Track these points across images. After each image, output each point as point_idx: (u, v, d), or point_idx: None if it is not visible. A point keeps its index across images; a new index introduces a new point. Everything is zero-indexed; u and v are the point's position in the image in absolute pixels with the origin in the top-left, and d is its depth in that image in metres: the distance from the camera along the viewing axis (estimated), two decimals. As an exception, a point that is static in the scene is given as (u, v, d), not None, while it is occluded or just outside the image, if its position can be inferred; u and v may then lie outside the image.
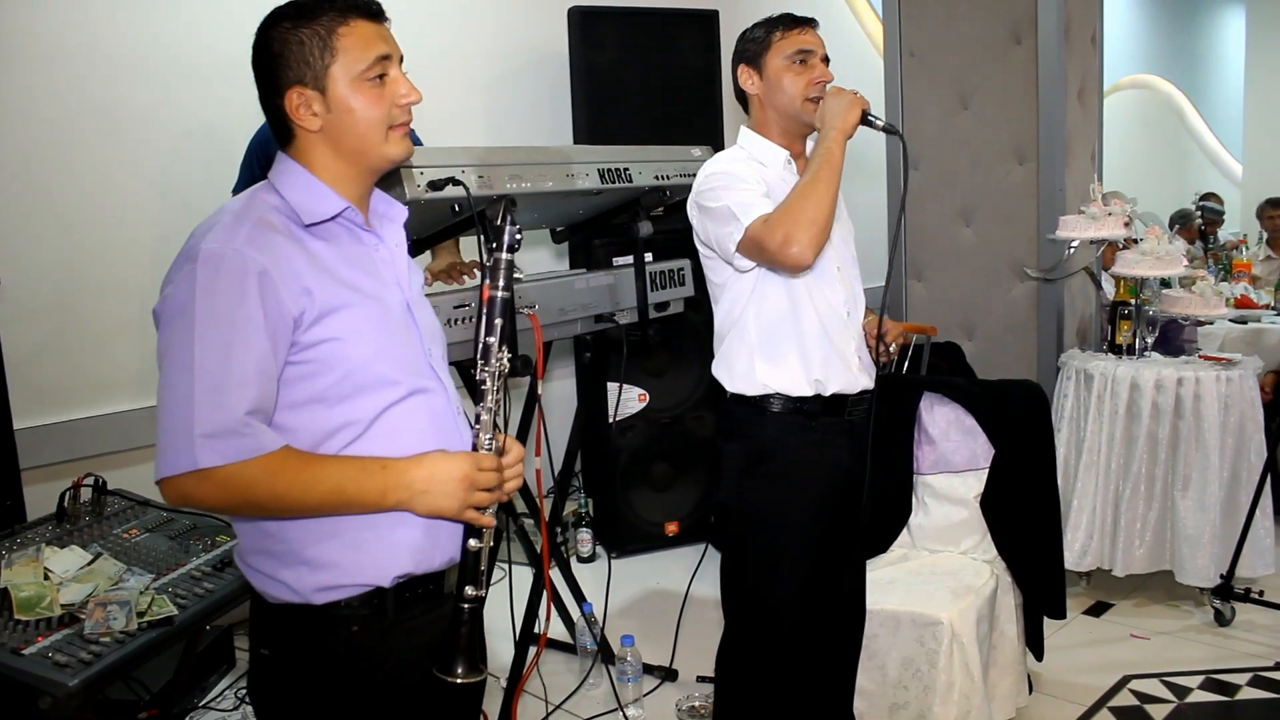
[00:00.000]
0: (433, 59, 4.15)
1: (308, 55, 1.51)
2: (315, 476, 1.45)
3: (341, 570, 1.52)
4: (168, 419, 1.40)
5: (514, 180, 2.54)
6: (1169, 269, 3.79)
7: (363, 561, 1.53)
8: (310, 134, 1.54)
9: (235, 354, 1.40)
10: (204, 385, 1.39)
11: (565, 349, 4.54)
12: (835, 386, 2.29)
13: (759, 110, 2.37)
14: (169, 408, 1.41)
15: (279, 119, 1.55)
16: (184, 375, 1.39)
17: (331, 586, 1.52)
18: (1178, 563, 3.66)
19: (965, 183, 4.38)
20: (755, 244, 2.13)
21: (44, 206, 3.20)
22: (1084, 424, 3.78)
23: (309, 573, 1.51)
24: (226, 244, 1.42)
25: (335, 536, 1.51)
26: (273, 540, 1.52)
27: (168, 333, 1.43)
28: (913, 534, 3.23)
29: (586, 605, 3.30)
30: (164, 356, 1.43)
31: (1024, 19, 4.18)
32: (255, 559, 1.55)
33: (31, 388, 3.12)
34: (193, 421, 1.38)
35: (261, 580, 1.55)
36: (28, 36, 3.13)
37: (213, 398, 1.39)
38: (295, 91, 1.52)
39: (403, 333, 1.59)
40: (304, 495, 1.45)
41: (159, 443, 1.41)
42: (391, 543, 1.54)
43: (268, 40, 1.53)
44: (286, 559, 1.52)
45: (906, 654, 2.84)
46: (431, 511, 1.52)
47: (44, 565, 2.28)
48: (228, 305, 1.41)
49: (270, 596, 1.55)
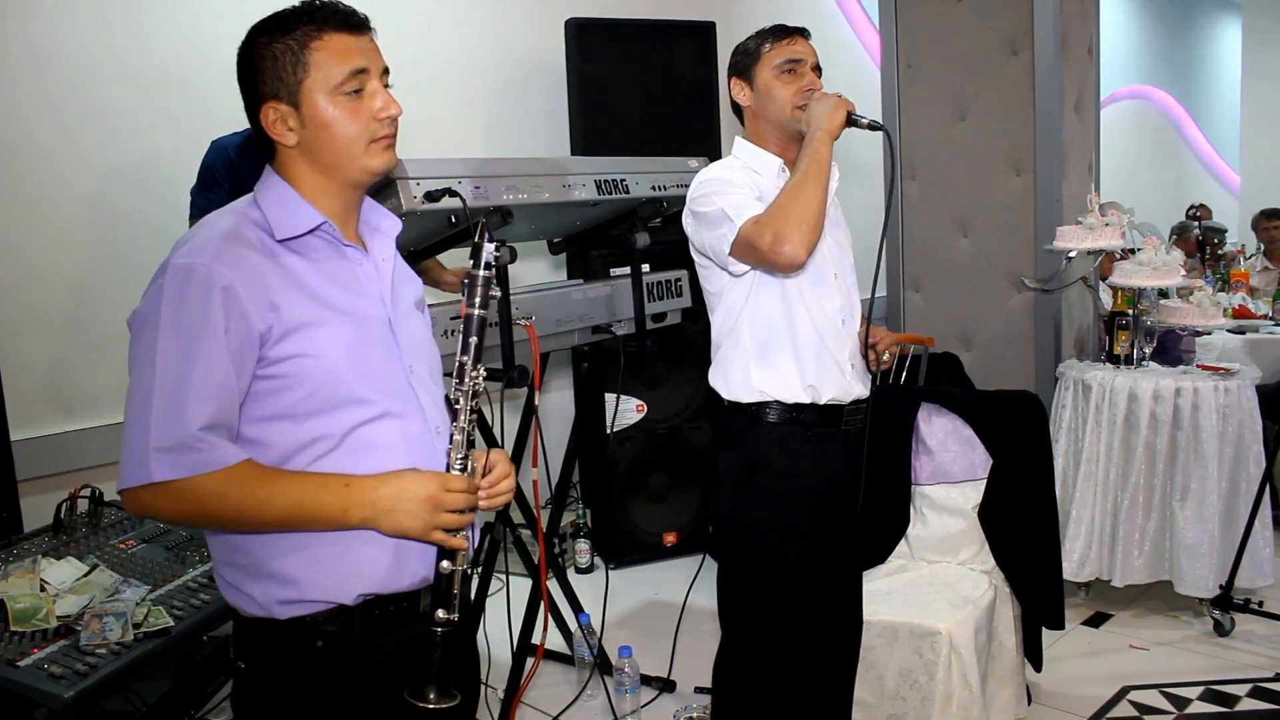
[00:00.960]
0: (430, 71, 4.16)
1: (280, 70, 1.51)
2: (273, 492, 1.45)
3: (304, 586, 1.51)
4: (127, 431, 1.42)
5: (511, 191, 2.55)
6: (1166, 279, 3.79)
7: (324, 579, 1.51)
8: (288, 149, 1.54)
9: (194, 368, 1.40)
10: (161, 399, 1.39)
11: (563, 360, 4.54)
12: (830, 393, 2.29)
13: (752, 121, 2.39)
14: (129, 420, 1.42)
15: (261, 134, 1.56)
16: (144, 388, 1.41)
17: (294, 601, 1.51)
18: (1177, 573, 3.65)
19: (962, 193, 4.39)
20: (747, 245, 2.14)
21: (41, 217, 3.21)
22: (1082, 434, 3.78)
23: (274, 587, 1.51)
24: (195, 258, 1.43)
25: (299, 552, 1.50)
26: (239, 553, 1.52)
27: (133, 345, 1.45)
28: (911, 545, 3.23)
29: (584, 616, 3.30)
30: (130, 368, 1.44)
31: (1020, 31, 4.19)
32: (225, 571, 1.55)
33: (28, 399, 3.12)
34: (149, 435, 1.39)
35: (232, 593, 1.55)
36: (22, 46, 3.14)
37: (169, 411, 1.39)
38: (270, 107, 1.52)
39: (380, 350, 1.56)
40: (261, 510, 1.44)
41: (120, 454, 1.42)
42: (356, 561, 1.52)
43: (247, 54, 1.53)
44: (252, 572, 1.51)
45: (904, 665, 2.83)
46: (396, 531, 1.50)
47: (40, 577, 2.28)
48: (190, 319, 1.41)
49: (241, 610, 1.55)
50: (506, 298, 2.62)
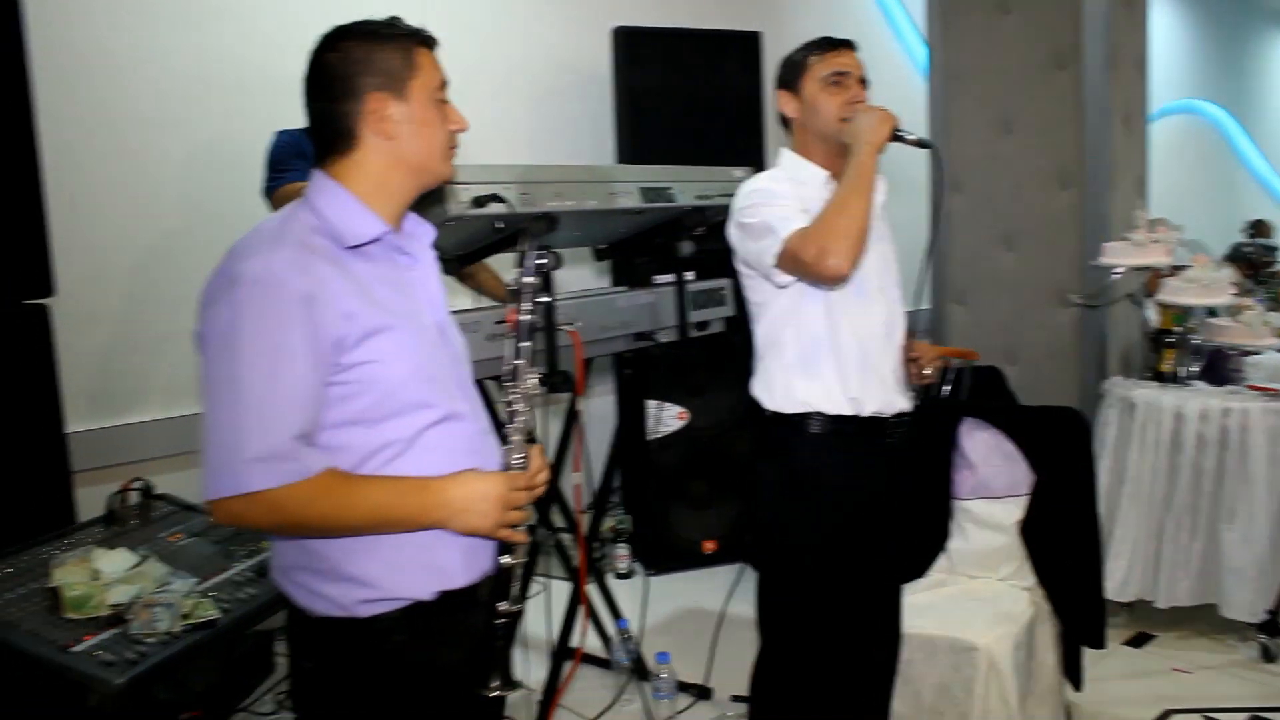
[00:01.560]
0: (478, 78, 4.20)
1: (389, 65, 1.57)
2: (358, 498, 1.49)
3: (384, 586, 1.56)
4: (216, 442, 1.43)
5: (556, 198, 2.57)
6: (1215, 298, 3.74)
7: (403, 579, 1.57)
8: (379, 142, 1.57)
9: (281, 378, 1.43)
10: (252, 410, 1.42)
11: (605, 366, 4.56)
12: (872, 406, 2.30)
13: (799, 133, 2.39)
14: (217, 431, 1.43)
15: (344, 125, 1.57)
16: (231, 399, 1.42)
17: (375, 600, 1.56)
18: (1222, 596, 3.59)
19: (1007, 207, 4.36)
20: (792, 257, 2.15)
21: (98, 217, 3.28)
22: (1126, 453, 3.74)
23: (354, 588, 1.55)
24: (268, 267, 1.45)
25: (374, 553, 1.55)
26: (314, 558, 1.55)
27: (212, 357, 1.46)
28: (951, 559, 3.21)
29: (622, 621, 3.32)
30: (209, 380, 1.46)
31: (1068, 44, 4.17)
32: (297, 575, 1.58)
33: (83, 393, 3.19)
34: (241, 445, 1.41)
35: (304, 595, 1.58)
36: (81, 52, 3.21)
37: (261, 422, 1.42)
38: (375, 97, 1.56)
39: (437, 353, 1.62)
40: (347, 516, 1.49)
41: (207, 465, 1.44)
42: (432, 560, 1.58)
43: (346, 47, 1.56)
44: (330, 575, 1.55)
45: (942, 680, 2.82)
46: (468, 530, 1.56)
47: (93, 566, 2.33)
48: (272, 330, 1.43)
49: (314, 611, 1.58)
50: (551, 303, 2.65)
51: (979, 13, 4.37)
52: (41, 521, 2.57)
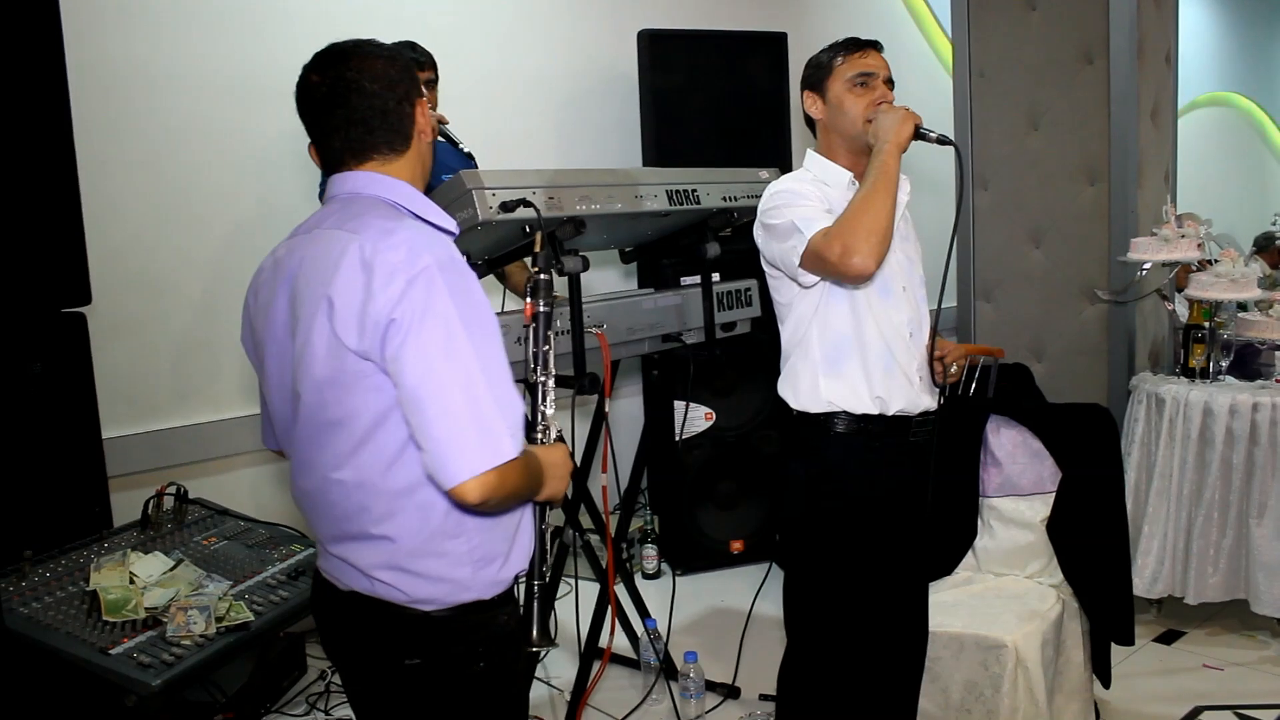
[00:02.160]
0: (506, 82, 4.23)
1: (415, 76, 1.67)
2: (534, 464, 1.58)
3: (509, 560, 1.65)
4: (468, 416, 1.45)
5: (583, 202, 2.59)
6: (1244, 292, 3.72)
7: (516, 548, 1.66)
8: (420, 144, 1.67)
9: (500, 349, 1.52)
10: (498, 382, 1.48)
11: (633, 366, 4.59)
12: (898, 405, 2.31)
13: (825, 134, 2.40)
14: (467, 405, 1.45)
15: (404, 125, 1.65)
16: (476, 374, 1.46)
17: (498, 580, 1.63)
18: (1253, 592, 3.57)
19: (1035, 203, 4.34)
20: (817, 256, 2.16)
21: (132, 225, 3.34)
22: (1155, 448, 3.72)
23: (486, 567, 1.61)
24: (449, 251, 1.52)
25: (495, 529, 1.62)
26: (457, 540, 1.58)
27: (427, 338, 1.45)
28: (978, 557, 3.21)
29: (650, 621, 3.33)
30: (434, 360, 1.45)
31: (1096, 38, 4.14)
32: (421, 563, 1.57)
33: (119, 399, 3.24)
34: (501, 415, 1.47)
35: (424, 586, 1.58)
36: (112, 62, 3.27)
37: (508, 392, 1.49)
38: (422, 103, 1.67)
39: None
40: (533, 483, 1.59)
41: (460, 442, 1.44)
42: (526, 527, 1.68)
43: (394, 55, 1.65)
44: (467, 557, 1.59)
45: (970, 677, 2.82)
46: (550, 495, 1.67)
47: (129, 570, 2.38)
48: (477, 306, 1.50)
49: (432, 602, 1.59)
50: (579, 306, 2.67)
51: (1006, 9, 4.35)
52: (79, 526, 2.63)
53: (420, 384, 1.45)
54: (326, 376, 1.52)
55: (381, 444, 1.52)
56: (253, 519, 2.91)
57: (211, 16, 3.47)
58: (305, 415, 1.58)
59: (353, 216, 1.56)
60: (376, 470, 1.53)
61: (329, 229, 1.57)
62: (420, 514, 1.55)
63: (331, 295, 1.50)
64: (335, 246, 1.52)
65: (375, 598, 1.60)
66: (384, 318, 1.45)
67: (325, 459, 1.57)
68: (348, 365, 1.50)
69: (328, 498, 1.60)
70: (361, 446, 1.53)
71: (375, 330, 1.46)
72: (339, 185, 1.64)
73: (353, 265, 1.48)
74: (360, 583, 1.62)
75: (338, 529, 1.61)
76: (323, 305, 1.51)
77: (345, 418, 1.53)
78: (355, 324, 1.48)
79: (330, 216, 1.60)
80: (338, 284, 1.49)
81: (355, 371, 1.50)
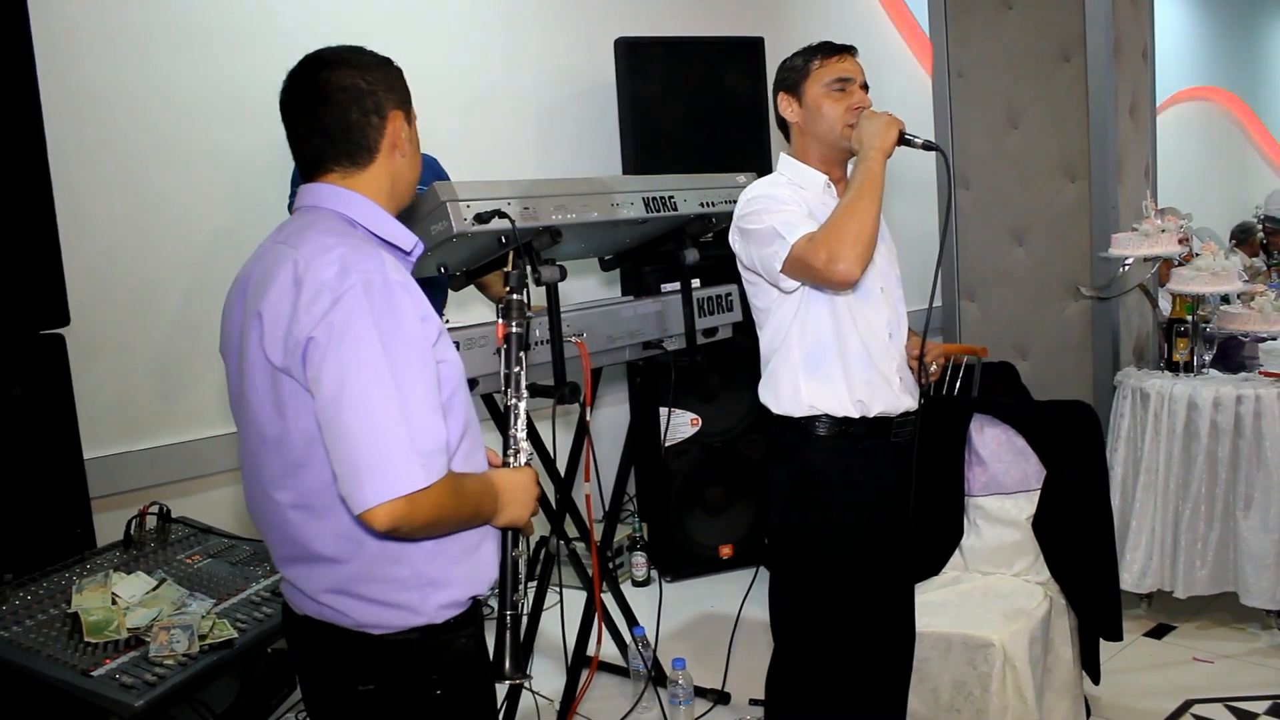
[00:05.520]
0: (483, 92, 4.23)
1: (403, 87, 1.64)
2: (468, 492, 1.54)
3: (461, 586, 1.60)
4: (376, 442, 1.39)
5: (559, 211, 2.59)
6: (1225, 285, 3.73)
7: (470, 574, 1.61)
8: (389, 159, 1.62)
9: (424, 373, 1.46)
10: (412, 405, 1.42)
11: (618, 374, 4.58)
12: (879, 407, 2.31)
13: (799, 137, 2.40)
14: (376, 431, 1.40)
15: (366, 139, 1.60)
16: (387, 398, 1.40)
17: (450, 604, 1.59)
18: (1242, 584, 3.58)
19: (1016, 202, 4.36)
20: (801, 263, 2.16)
21: (110, 244, 3.33)
22: (1141, 443, 3.73)
23: (433, 591, 1.56)
24: (379, 269, 1.46)
25: (444, 553, 1.57)
26: (397, 565, 1.54)
27: (342, 358, 1.41)
28: (965, 556, 3.21)
29: (638, 628, 3.33)
30: (345, 382, 1.41)
31: (1072, 36, 4.16)
32: (367, 588, 1.54)
33: (100, 419, 3.23)
34: (411, 441, 1.41)
35: (371, 611, 1.55)
36: (86, 82, 3.25)
37: (422, 416, 1.43)
38: (396, 115, 1.62)
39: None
40: (466, 510, 1.54)
41: (367, 469, 1.39)
42: (485, 552, 1.64)
43: (365, 64, 1.61)
44: (411, 581, 1.55)
45: (958, 677, 2.82)
46: (510, 520, 1.63)
47: (112, 590, 2.37)
48: (406, 327, 1.46)
49: (380, 627, 1.56)
50: (557, 315, 2.67)
51: (982, 9, 4.37)
52: (61, 547, 2.61)
53: (332, 406, 1.41)
54: (261, 394, 1.51)
55: (319, 465, 1.48)
56: (236, 536, 2.90)
57: (185, 35, 3.46)
58: (248, 432, 1.58)
59: (299, 230, 1.55)
60: (314, 492, 1.51)
61: (278, 242, 1.56)
62: (362, 538, 1.52)
63: (262, 311, 1.48)
64: (275, 261, 1.51)
65: (325, 622, 1.58)
66: (304, 336, 1.43)
67: (267, 477, 1.56)
68: (276, 383, 1.49)
69: (272, 517, 1.58)
70: (300, 468, 1.51)
71: (296, 349, 1.44)
72: (303, 197, 1.63)
73: (285, 281, 1.47)
74: (310, 606, 1.60)
75: (285, 549, 1.60)
76: (254, 321, 1.50)
77: (281, 437, 1.51)
78: (280, 342, 1.46)
79: (284, 229, 1.60)
80: (268, 300, 1.48)
81: (285, 390, 1.48)
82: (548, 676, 3.40)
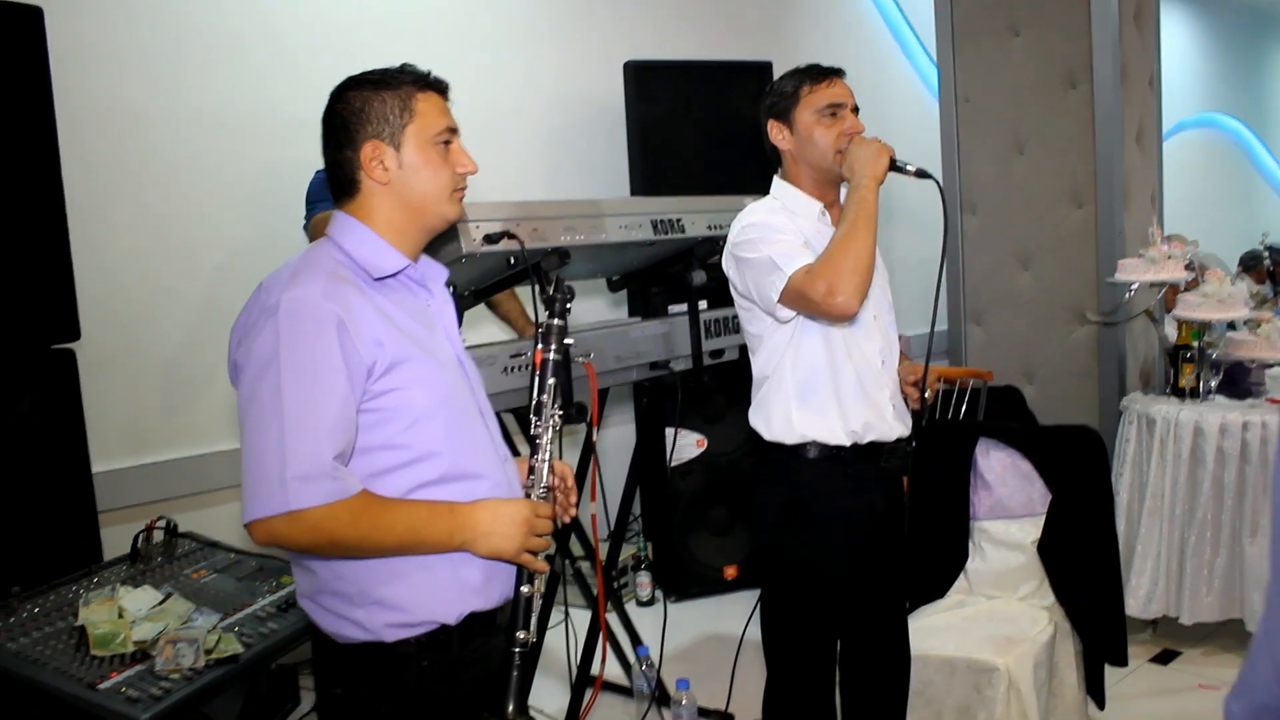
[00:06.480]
0: (493, 114, 4.27)
1: (387, 114, 1.64)
2: (393, 519, 1.54)
3: (411, 610, 1.59)
4: (258, 463, 1.47)
5: (567, 233, 2.61)
6: (1231, 312, 3.74)
7: (430, 601, 1.61)
8: (377, 186, 1.64)
9: (322, 400, 1.48)
10: (294, 429, 1.46)
11: (625, 394, 4.59)
12: (872, 435, 2.31)
13: (791, 164, 2.40)
14: (259, 452, 1.47)
15: (347, 172, 1.65)
16: (273, 421, 1.46)
17: (401, 624, 1.59)
18: (1248, 611, 3.56)
19: (1022, 227, 4.38)
20: (799, 295, 2.15)
21: (121, 260, 3.35)
22: (1147, 468, 3.72)
23: (381, 611, 1.58)
24: (305, 295, 1.51)
25: (404, 578, 1.58)
26: (344, 582, 1.59)
27: (253, 381, 1.50)
28: (970, 580, 3.21)
29: (642, 648, 3.33)
30: (250, 404, 1.50)
31: (1079, 63, 4.19)
32: (326, 599, 1.61)
33: (109, 433, 3.25)
34: (285, 465, 1.45)
35: (332, 620, 1.62)
36: (100, 99, 3.28)
37: (303, 441, 1.46)
38: (372, 144, 1.63)
39: (458, 384, 1.68)
40: (384, 537, 1.53)
41: (248, 486, 1.48)
42: (457, 582, 1.62)
43: (348, 98, 1.65)
44: (358, 599, 1.59)
45: (962, 701, 2.82)
46: (492, 553, 1.61)
47: (119, 604, 2.38)
48: (312, 353, 1.48)
49: (341, 637, 1.61)
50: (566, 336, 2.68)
51: (989, 35, 4.40)
52: (69, 560, 2.63)
53: (240, 425, 1.51)
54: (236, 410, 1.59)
55: None
56: (243, 551, 2.91)
57: (198, 54, 3.50)
58: None
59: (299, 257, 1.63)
60: None
61: None
62: None
63: (231, 333, 1.60)
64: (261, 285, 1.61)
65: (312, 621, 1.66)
66: (234, 359, 1.55)
67: None
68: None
69: None
70: None
71: (233, 370, 1.56)
72: None
73: (249, 305, 1.58)
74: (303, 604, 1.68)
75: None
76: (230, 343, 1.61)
77: None
78: (231, 363, 1.58)
79: None
80: (237, 323, 1.59)
81: None
82: (552, 695, 3.39)
